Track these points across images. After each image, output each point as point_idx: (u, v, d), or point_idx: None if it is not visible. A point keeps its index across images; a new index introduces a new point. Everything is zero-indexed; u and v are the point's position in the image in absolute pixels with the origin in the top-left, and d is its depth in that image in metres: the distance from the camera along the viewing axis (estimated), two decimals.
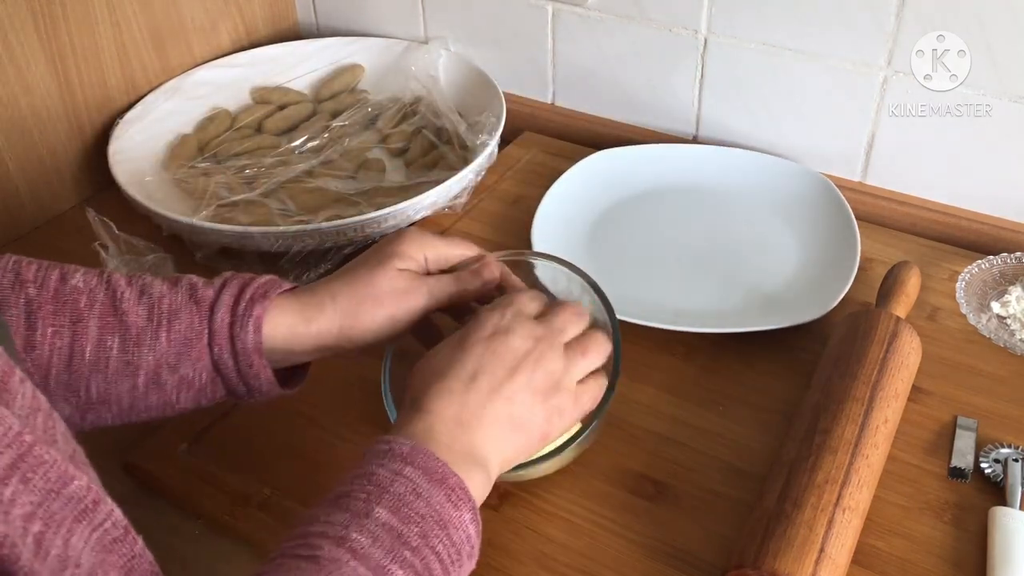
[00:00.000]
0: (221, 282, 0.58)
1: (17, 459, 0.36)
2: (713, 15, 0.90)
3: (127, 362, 0.55)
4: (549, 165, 0.97)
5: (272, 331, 0.57)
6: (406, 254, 0.60)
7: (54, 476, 0.38)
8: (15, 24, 0.87)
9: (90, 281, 0.56)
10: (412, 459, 0.48)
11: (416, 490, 0.47)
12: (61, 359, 0.54)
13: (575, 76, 1.03)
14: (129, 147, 0.95)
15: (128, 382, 0.55)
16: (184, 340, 0.56)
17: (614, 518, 0.63)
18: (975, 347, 0.74)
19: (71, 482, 0.38)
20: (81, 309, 0.54)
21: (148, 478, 0.67)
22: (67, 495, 0.38)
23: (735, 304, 0.78)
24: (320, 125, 1.02)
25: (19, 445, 0.37)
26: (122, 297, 0.56)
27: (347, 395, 0.72)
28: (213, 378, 0.57)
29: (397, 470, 0.47)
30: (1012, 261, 0.80)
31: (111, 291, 0.56)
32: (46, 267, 0.56)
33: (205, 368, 0.57)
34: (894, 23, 0.81)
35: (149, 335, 0.55)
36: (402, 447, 0.48)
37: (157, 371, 0.55)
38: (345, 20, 1.16)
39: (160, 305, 0.56)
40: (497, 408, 0.52)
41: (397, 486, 0.47)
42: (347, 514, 0.45)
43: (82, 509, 0.39)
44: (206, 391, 0.58)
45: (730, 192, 0.91)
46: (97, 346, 0.54)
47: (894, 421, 0.64)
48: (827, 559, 0.54)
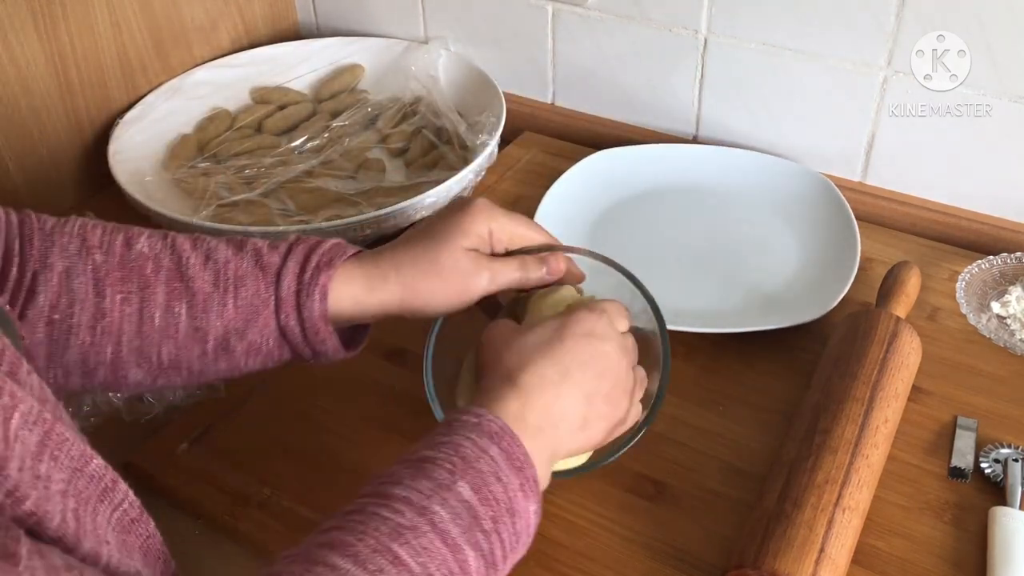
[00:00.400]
0: (287, 248, 0.58)
1: (44, 436, 0.37)
2: (713, 15, 0.90)
3: (196, 328, 0.55)
4: (549, 165, 0.97)
5: (337, 300, 0.57)
6: (471, 231, 0.60)
7: (76, 454, 0.38)
8: (15, 24, 0.87)
9: (155, 246, 0.56)
10: (500, 440, 0.48)
11: (497, 473, 0.47)
12: (131, 325, 0.54)
13: (575, 76, 1.03)
14: (129, 147, 0.95)
15: (198, 348, 0.56)
16: (251, 307, 0.56)
17: (614, 518, 0.63)
18: (975, 347, 0.74)
19: (91, 460, 0.39)
20: (148, 275, 0.55)
21: (148, 478, 0.67)
22: (89, 474, 0.39)
23: (735, 304, 0.78)
24: (320, 125, 1.02)
25: (43, 423, 0.37)
26: (188, 263, 0.56)
27: (348, 395, 0.72)
28: (280, 343, 0.58)
29: (484, 448, 0.47)
30: (1012, 261, 0.80)
31: (176, 256, 0.56)
32: (111, 231, 0.56)
33: (272, 334, 0.57)
34: (894, 23, 0.81)
35: (216, 302, 0.55)
36: (492, 424, 0.48)
37: (225, 337, 0.56)
38: (345, 20, 1.16)
39: (226, 271, 0.56)
40: (579, 407, 0.53)
41: (482, 464, 0.47)
42: (431, 483, 0.45)
43: (103, 488, 0.40)
44: (273, 355, 0.58)
45: (730, 192, 0.91)
46: (166, 312, 0.55)
47: (894, 421, 0.64)
48: (827, 559, 0.54)
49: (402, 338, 0.69)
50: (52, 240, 0.54)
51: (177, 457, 0.68)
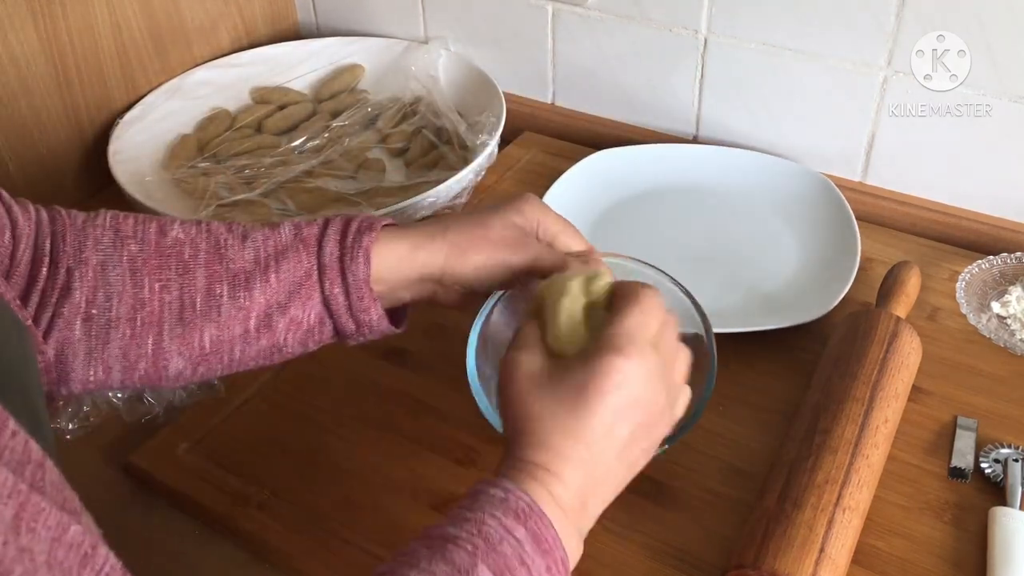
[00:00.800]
0: (324, 220, 0.58)
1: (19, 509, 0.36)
2: (713, 15, 0.90)
3: (239, 307, 0.55)
4: (549, 165, 0.97)
5: (380, 262, 0.57)
6: (524, 211, 0.60)
7: (53, 523, 0.37)
8: (15, 24, 0.87)
9: (190, 231, 0.56)
10: (527, 520, 0.45)
11: (522, 557, 0.44)
12: (172, 313, 0.54)
13: (575, 76, 1.03)
14: (129, 147, 0.95)
15: (240, 327, 0.55)
16: (293, 279, 0.56)
17: (614, 518, 0.62)
18: (975, 347, 0.74)
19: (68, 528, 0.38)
20: (186, 260, 0.55)
21: (148, 478, 0.67)
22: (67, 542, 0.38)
23: (735, 304, 0.78)
24: (320, 125, 1.02)
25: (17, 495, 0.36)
26: (225, 244, 0.56)
27: (347, 395, 0.72)
28: (322, 318, 0.57)
29: (509, 528, 0.45)
30: (1012, 261, 0.80)
31: (213, 239, 0.56)
32: (143, 220, 0.56)
33: (315, 307, 0.57)
34: (894, 23, 0.81)
35: (258, 278, 0.55)
36: (520, 502, 0.45)
37: (268, 313, 0.56)
38: (345, 20, 1.16)
39: (266, 247, 0.56)
40: (620, 473, 0.50)
41: (505, 547, 0.44)
42: (449, 567, 0.43)
43: (83, 555, 0.39)
44: (314, 332, 0.58)
45: (730, 192, 0.91)
46: (207, 295, 0.54)
47: (894, 421, 0.64)
48: (827, 559, 0.54)
49: (402, 338, 0.69)
50: (85, 234, 0.54)
51: (177, 457, 0.68)
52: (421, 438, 0.69)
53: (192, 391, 0.72)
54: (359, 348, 0.76)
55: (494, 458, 0.66)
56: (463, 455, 0.67)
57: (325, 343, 0.59)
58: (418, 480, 0.65)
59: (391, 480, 0.66)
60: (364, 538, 0.62)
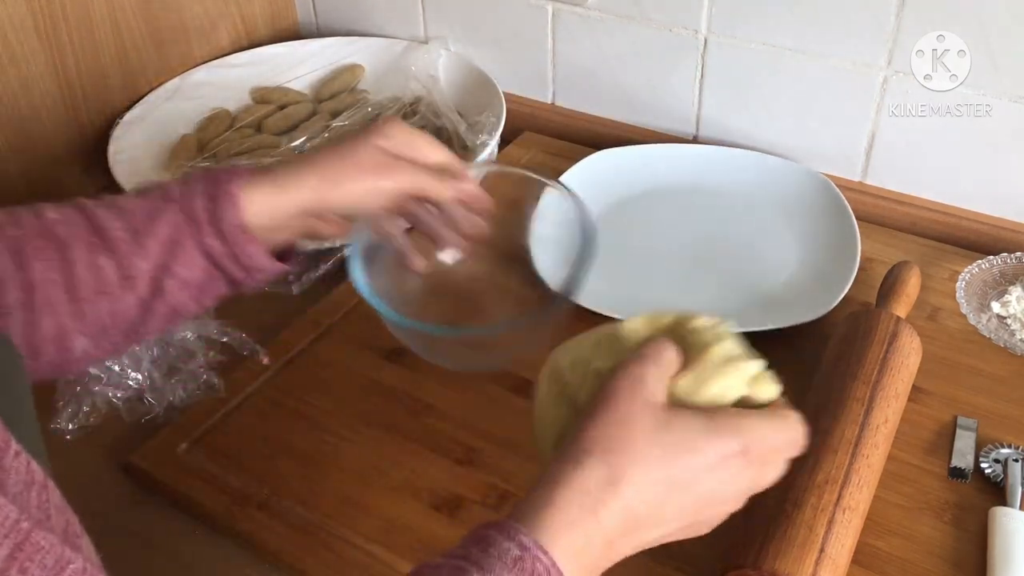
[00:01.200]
0: (185, 178, 0.58)
1: (15, 548, 0.35)
2: (713, 15, 0.90)
3: (125, 276, 0.55)
4: (549, 165, 0.97)
5: (249, 205, 0.57)
6: (388, 133, 0.61)
7: (51, 562, 0.37)
8: (15, 24, 0.87)
9: (63, 210, 0.56)
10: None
11: None
12: (61, 290, 0.54)
13: (575, 76, 1.03)
14: (129, 147, 0.95)
15: (132, 296, 0.55)
16: (169, 239, 0.56)
17: None
18: (975, 347, 0.74)
19: (67, 566, 0.38)
20: (64, 238, 0.54)
21: (148, 478, 0.67)
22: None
23: (735, 304, 0.78)
24: (320, 125, 1.02)
25: (17, 533, 0.36)
26: (98, 215, 0.56)
27: (347, 395, 0.72)
28: (209, 271, 0.57)
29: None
30: (1012, 261, 0.80)
31: (85, 213, 0.56)
32: (17, 208, 0.56)
33: (198, 262, 0.56)
34: (894, 23, 0.81)
35: (137, 244, 0.55)
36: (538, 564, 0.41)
37: (155, 277, 0.55)
38: (345, 20, 1.16)
39: (137, 213, 0.56)
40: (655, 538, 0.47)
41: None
42: None
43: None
44: (206, 288, 0.58)
45: (730, 192, 0.91)
46: (90, 268, 0.54)
47: (894, 421, 0.64)
48: (827, 559, 0.54)
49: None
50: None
51: (177, 457, 0.68)
52: (421, 438, 0.69)
53: (192, 391, 0.72)
54: (359, 348, 0.76)
55: (494, 458, 0.67)
56: (463, 455, 0.67)
57: (223, 295, 0.59)
58: (418, 480, 0.65)
59: (391, 480, 0.66)
60: (364, 538, 0.62)
